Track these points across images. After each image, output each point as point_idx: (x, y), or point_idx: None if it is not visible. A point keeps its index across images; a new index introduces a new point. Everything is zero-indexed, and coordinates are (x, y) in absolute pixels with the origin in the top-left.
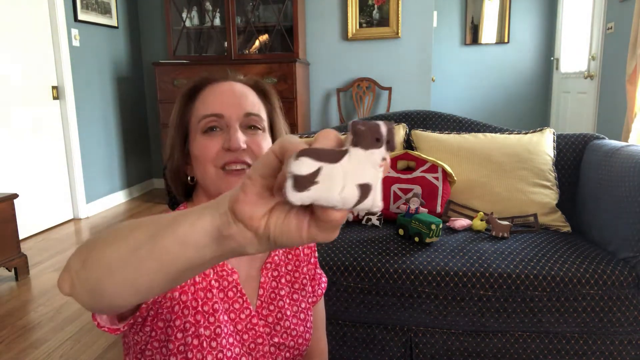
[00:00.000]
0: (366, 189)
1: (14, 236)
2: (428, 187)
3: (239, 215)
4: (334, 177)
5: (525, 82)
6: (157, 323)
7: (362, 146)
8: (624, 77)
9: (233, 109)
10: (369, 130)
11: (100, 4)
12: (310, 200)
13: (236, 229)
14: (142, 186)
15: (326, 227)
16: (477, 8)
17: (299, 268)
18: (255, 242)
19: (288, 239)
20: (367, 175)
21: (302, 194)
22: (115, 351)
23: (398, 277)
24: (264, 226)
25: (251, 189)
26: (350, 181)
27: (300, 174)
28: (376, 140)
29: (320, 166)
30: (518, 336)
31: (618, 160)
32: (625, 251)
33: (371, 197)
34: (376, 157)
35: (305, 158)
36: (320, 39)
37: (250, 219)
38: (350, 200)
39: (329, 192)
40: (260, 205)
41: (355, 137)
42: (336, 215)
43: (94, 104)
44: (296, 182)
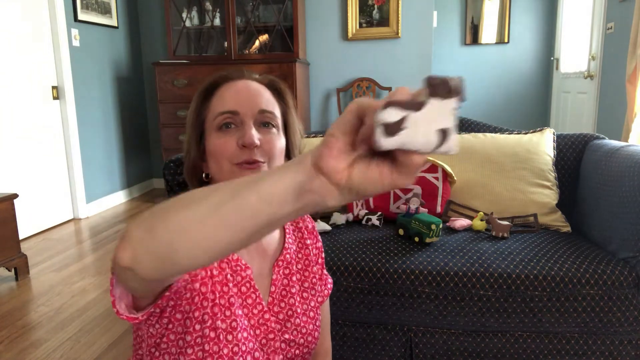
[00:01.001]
0: (445, 133)
1: (14, 236)
2: (428, 187)
3: (324, 169)
4: (418, 123)
5: (525, 82)
6: (175, 315)
7: (439, 96)
8: (624, 77)
9: (248, 106)
10: (442, 83)
11: (100, 4)
12: (398, 144)
13: (319, 183)
14: (142, 186)
15: (407, 172)
16: (477, 8)
17: (308, 267)
18: (337, 194)
19: (371, 186)
20: (445, 122)
21: (391, 139)
22: (116, 351)
23: (398, 277)
24: (346, 178)
25: (335, 144)
26: (432, 127)
27: (390, 121)
28: (449, 92)
29: (406, 114)
30: (518, 336)
31: (618, 160)
32: (625, 251)
33: (450, 140)
34: (450, 106)
35: (392, 108)
36: (320, 39)
37: (335, 172)
38: (432, 144)
39: (415, 136)
40: (343, 159)
41: (431, 89)
42: (418, 159)
43: (94, 104)
44: (386, 128)
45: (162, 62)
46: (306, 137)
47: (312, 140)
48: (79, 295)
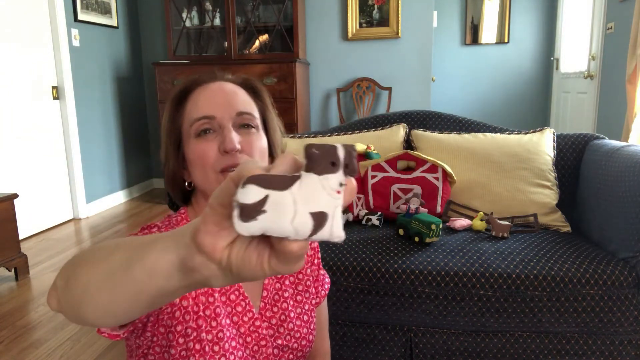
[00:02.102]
0: (321, 217)
1: (14, 236)
2: (428, 187)
3: (201, 246)
4: (283, 206)
5: (525, 82)
6: (158, 329)
7: (316, 171)
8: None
9: (224, 109)
10: (323, 153)
11: (100, 4)
12: (258, 230)
13: (200, 261)
14: (142, 186)
15: (286, 259)
16: (477, 8)
17: (302, 270)
18: (220, 275)
19: (249, 272)
20: (321, 203)
21: (249, 224)
22: (115, 352)
23: (398, 277)
24: (226, 258)
25: (212, 218)
26: (302, 209)
27: (246, 202)
28: (332, 165)
29: (268, 194)
30: (518, 336)
31: (618, 160)
32: (625, 251)
33: (328, 226)
34: (332, 182)
35: (251, 185)
36: (320, 39)
37: (213, 251)
38: (303, 230)
39: (278, 221)
40: (222, 236)
41: (308, 162)
42: (293, 246)
43: (94, 104)
44: (242, 211)
45: (162, 62)
46: (306, 137)
47: (313, 140)
48: None
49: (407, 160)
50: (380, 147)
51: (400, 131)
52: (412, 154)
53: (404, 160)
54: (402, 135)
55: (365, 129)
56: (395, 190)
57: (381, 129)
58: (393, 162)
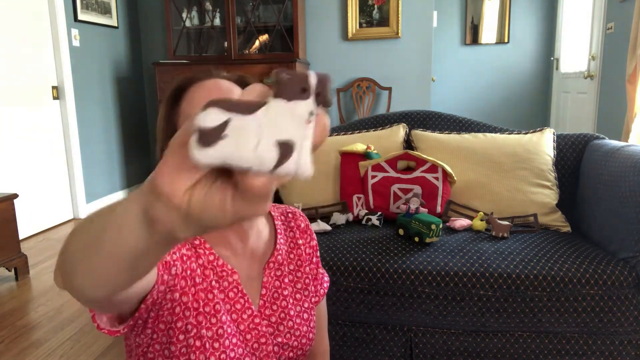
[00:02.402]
0: (287, 147)
1: (14, 236)
2: (428, 187)
3: (160, 191)
4: (246, 131)
5: (525, 82)
6: (158, 325)
7: (285, 97)
8: (624, 77)
9: None
10: (293, 78)
11: (100, 4)
12: (218, 158)
13: (160, 209)
14: None
15: (250, 198)
16: (477, 8)
17: (301, 267)
18: (182, 225)
19: (212, 217)
20: (288, 132)
21: (207, 150)
22: (115, 352)
23: (398, 277)
24: (187, 202)
25: (171, 159)
26: (267, 137)
27: (204, 126)
28: (302, 91)
29: (229, 117)
30: (518, 336)
31: (618, 160)
32: (625, 251)
33: (294, 157)
34: (302, 110)
35: (212, 109)
36: (320, 39)
37: (172, 194)
38: (267, 160)
39: (240, 148)
40: (182, 179)
41: (277, 87)
42: (257, 181)
43: (94, 104)
44: (201, 136)
45: (162, 62)
46: None
47: None
48: None
49: (407, 160)
50: (380, 147)
51: (400, 131)
52: (412, 154)
53: (404, 160)
54: (402, 135)
55: (365, 129)
56: (395, 190)
57: (381, 129)
58: (393, 162)
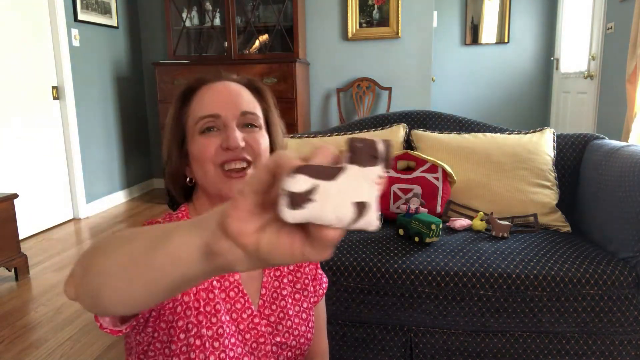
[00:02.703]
0: (362, 207)
1: (14, 236)
2: (428, 187)
3: (229, 231)
4: (330, 195)
5: (525, 82)
6: (159, 324)
7: (359, 163)
8: (624, 77)
9: (229, 108)
10: (366, 147)
11: (100, 4)
12: (304, 218)
13: (226, 246)
14: (142, 186)
15: (320, 246)
16: (477, 8)
17: (300, 268)
18: (245, 260)
19: (280, 257)
20: (363, 193)
21: (296, 212)
22: (115, 351)
23: (398, 277)
24: (254, 243)
25: (243, 204)
26: (346, 199)
27: (295, 191)
28: (373, 158)
29: (316, 184)
30: (518, 336)
31: (618, 160)
32: (625, 251)
33: (367, 215)
34: (373, 174)
35: (301, 175)
36: (320, 39)
37: (241, 236)
38: (346, 219)
39: (324, 210)
40: (251, 221)
41: (352, 154)
42: (331, 233)
43: (94, 104)
44: (291, 199)
45: (162, 62)
46: (306, 137)
47: (312, 140)
48: None
49: (407, 160)
50: None
51: (400, 131)
52: (412, 154)
53: (404, 160)
54: (402, 135)
55: (365, 129)
56: (395, 190)
57: (381, 129)
58: (393, 162)
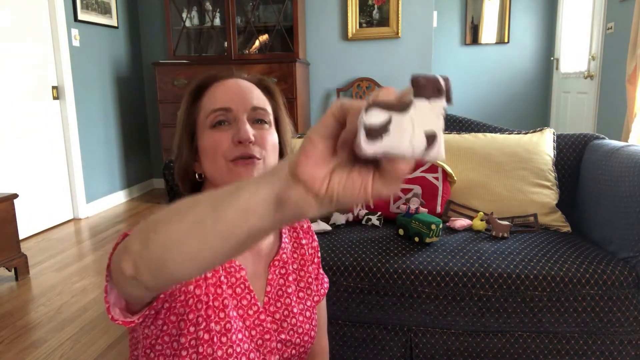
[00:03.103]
0: (432, 137)
1: (14, 236)
2: (428, 187)
3: (302, 177)
4: (404, 126)
5: (525, 82)
6: (169, 317)
7: (426, 96)
8: (624, 77)
9: (240, 103)
10: (430, 82)
11: (100, 4)
12: (383, 149)
13: (297, 193)
14: (142, 186)
15: (392, 179)
16: (477, 8)
17: (304, 267)
18: (316, 204)
19: (352, 197)
20: (432, 124)
21: (376, 143)
22: (116, 351)
23: (398, 277)
24: (325, 187)
25: (313, 151)
26: (419, 130)
27: (373, 123)
28: (437, 92)
29: (391, 116)
30: (518, 336)
31: (618, 160)
32: (625, 251)
33: (437, 145)
34: (438, 107)
35: (376, 109)
36: (320, 39)
37: (313, 181)
38: (419, 149)
39: (400, 140)
40: (322, 166)
41: (417, 89)
42: (404, 166)
43: (94, 104)
44: (369, 132)
45: (162, 62)
46: None
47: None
48: (79, 295)
49: None
50: None
51: None
52: None
53: None
54: None
55: None
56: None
57: None
58: None
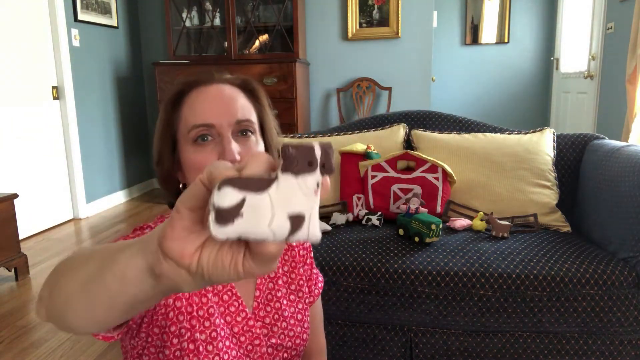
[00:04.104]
0: (298, 219)
1: (14, 236)
2: (428, 187)
3: (168, 252)
4: (261, 208)
5: (525, 82)
6: (152, 329)
7: (293, 171)
8: (624, 77)
9: (224, 117)
10: (300, 153)
11: (100, 4)
12: (236, 234)
13: (168, 267)
14: (142, 186)
15: (262, 260)
16: (477, 8)
17: (295, 269)
18: (190, 280)
19: (222, 275)
20: (299, 204)
21: (226, 228)
22: (115, 352)
23: (398, 277)
24: (196, 263)
25: (179, 223)
26: (280, 211)
27: (222, 206)
28: (309, 165)
29: (244, 196)
30: (518, 336)
31: (618, 160)
32: (625, 251)
33: (305, 228)
34: (309, 183)
35: (227, 188)
36: (320, 39)
37: (181, 257)
38: (281, 233)
39: (256, 225)
40: (190, 240)
41: (285, 162)
42: (270, 248)
43: (94, 104)
44: (218, 215)
45: (162, 62)
46: (305, 137)
47: (312, 139)
48: None
49: (407, 160)
50: (380, 147)
51: (400, 131)
52: (412, 154)
53: (404, 160)
54: (402, 135)
55: (365, 129)
56: (395, 190)
57: (381, 129)
58: (393, 162)
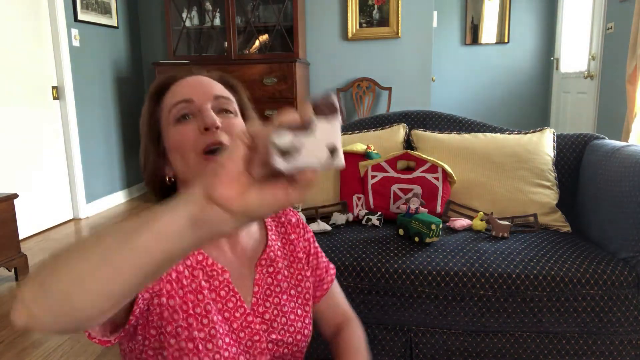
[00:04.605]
0: (334, 149)
1: (14, 236)
2: (428, 187)
3: (217, 198)
4: (311, 144)
5: (525, 82)
6: (149, 331)
7: (325, 114)
8: (624, 77)
9: (202, 93)
10: (326, 102)
11: (100, 4)
12: (295, 165)
13: (213, 213)
14: (142, 186)
15: (302, 187)
16: (477, 8)
17: (294, 263)
18: (232, 221)
19: (268, 208)
20: (332, 138)
21: (288, 161)
22: (115, 352)
23: (398, 277)
24: (240, 204)
25: (225, 173)
26: (322, 145)
27: (284, 144)
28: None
29: (298, 135)
30: (518, 336)
31: (618, 160)
32: (625, 251)
33: (337, 155)
34: (335, 122)
35: (285, 131)
36: (320, 39)
37: (228, 200)
38: (324, 161)
39: (308, 156)
40: (235, 187)
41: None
42: (311, 175)
43: (94, 104)
44: (282, 152)
45: (162, 62)
46: None
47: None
48: None
49: (407, 160)
50: (380, 147)
51: (400, 131)
52: (412, 154)
53: (404, 160)
54: (402, 135)
55: (365, 129)
56: (395, 190)
57: (381, 129)
58: (393, 162)
